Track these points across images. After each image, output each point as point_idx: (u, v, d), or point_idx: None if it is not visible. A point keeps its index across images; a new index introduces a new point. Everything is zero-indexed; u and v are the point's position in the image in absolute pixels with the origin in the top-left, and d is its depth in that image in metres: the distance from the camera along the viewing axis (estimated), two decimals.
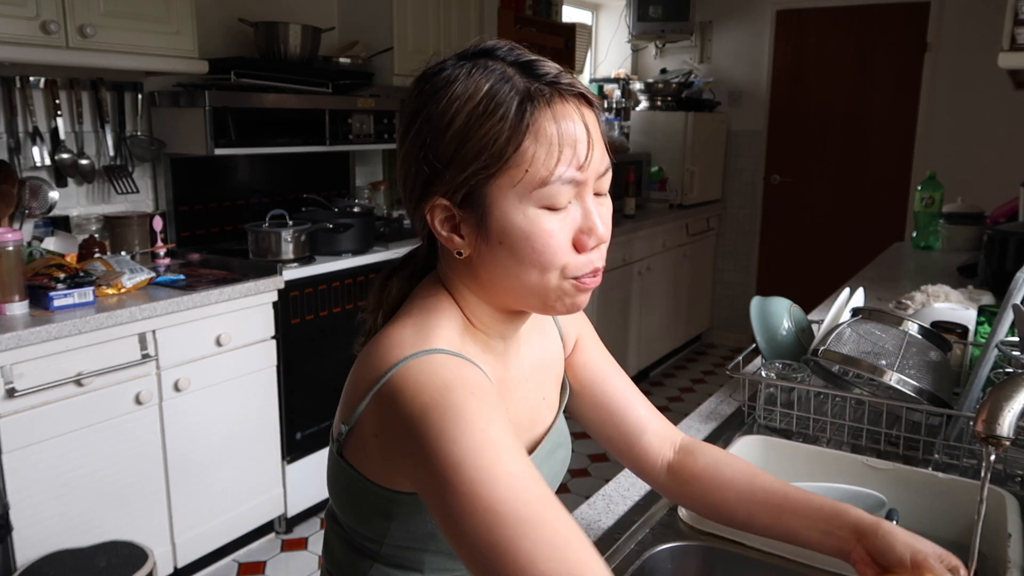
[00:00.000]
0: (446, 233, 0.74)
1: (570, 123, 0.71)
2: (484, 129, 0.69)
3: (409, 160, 0.74)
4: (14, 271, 2.00)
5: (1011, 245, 2.28)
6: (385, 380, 0.70)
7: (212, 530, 2.46)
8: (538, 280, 0.73)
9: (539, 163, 0.69)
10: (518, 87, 0.70)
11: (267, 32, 2.89)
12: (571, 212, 0.73)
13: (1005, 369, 1.25)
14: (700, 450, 0.94)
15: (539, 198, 0.71)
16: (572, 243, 0.73)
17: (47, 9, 2.12)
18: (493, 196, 0.71)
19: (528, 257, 0.72)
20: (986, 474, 0.76)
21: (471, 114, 0.70)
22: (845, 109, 4.74)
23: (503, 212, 0.71)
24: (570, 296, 0.75)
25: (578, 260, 0.74)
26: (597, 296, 3.81)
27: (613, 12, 5.33)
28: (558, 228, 0.72)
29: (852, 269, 2.99)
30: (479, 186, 0.71)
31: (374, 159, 3.75)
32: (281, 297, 2.56)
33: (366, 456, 0.75)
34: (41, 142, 2.46)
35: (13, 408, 1.91)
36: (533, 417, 0.88)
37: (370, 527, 0.80)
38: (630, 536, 1.02)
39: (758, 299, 1.52)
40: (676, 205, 4.67)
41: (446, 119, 0.70)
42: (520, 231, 0.71)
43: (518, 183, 0.70)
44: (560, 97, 0.71)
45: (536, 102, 0.70)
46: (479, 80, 0.70)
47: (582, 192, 0.73)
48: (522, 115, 0.69)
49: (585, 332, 0.99)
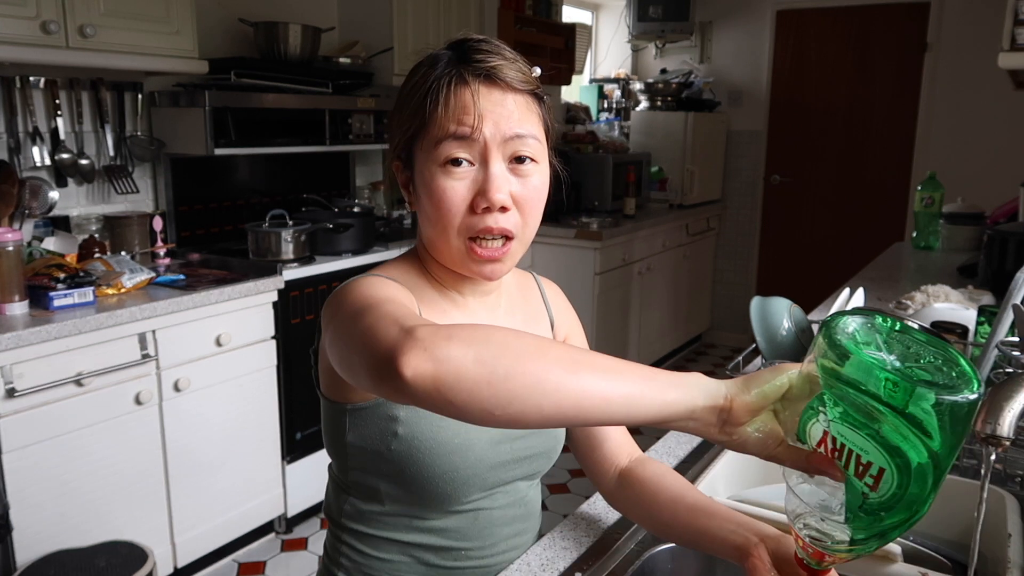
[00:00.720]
0: (404, 190, 0.90)
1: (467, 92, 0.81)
2: (412, 100, 0.84)
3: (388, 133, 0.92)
4: (14, 271, 2.00)
5: (1011, 245, 2.28)
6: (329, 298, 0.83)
7: (212, 530, 2.46)
8: (441, 236, 0.84)
9: (438, 125, 0.82)
10: (440, 68, 0.83)
11: (267, 32, 2.89)
12: (474, 175, 0.82)
13: (1005, 369, 1.25)
14: (650, 463, 0.98)
15: (439, 156, 0.82)
16: (469, 205, 0.82)
17: (47, 9, 2.12)
18: (416, 156, 0.85)
19: (432, 213, 0.83)
20: (986, 474, 0.76)
21: (410, 88, 0.85)
22: (845, 109, 4.74)
23: (419, 170, 0.85)
24: (471, 260, 0.84)
25: (470, 221, 0.83)
26: (597, 296, 3.82)
27: (613, 12, 5.33)
28: (452, 187, 0.82)
29: (852, 269, 2.99)
30: (410, 147, 0.86)
31: (374, 159, 3.75)
32: (281, 297, 2.56)
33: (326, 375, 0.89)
34: (41, 142, 2.46)
35: (13, 408, 1.91)
36: None
37: (337, 455, 0.92)
38: (630, 536, 1.02)
39: (758, 299, 1.52)
40: (676, 205, 4.67)
41: (401, 94, 0.87)
42: (427, 187, 0.83)
43: (426, 142, 0.83)
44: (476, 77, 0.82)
45: (450, 78, 0.82)
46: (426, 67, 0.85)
47: (486, 156, 0.82)
48: (435, 84, 0.82)
49: (574, 332, 1.05)
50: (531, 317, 0.98)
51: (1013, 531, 0.95)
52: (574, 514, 1.08)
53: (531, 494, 0.99)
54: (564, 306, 1.05)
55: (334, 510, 0.96)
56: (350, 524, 0.93)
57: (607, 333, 3.96)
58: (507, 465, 0.90)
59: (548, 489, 3.15)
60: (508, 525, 0.95)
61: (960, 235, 3.09)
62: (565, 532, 1.04)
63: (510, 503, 0.94)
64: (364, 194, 3.63)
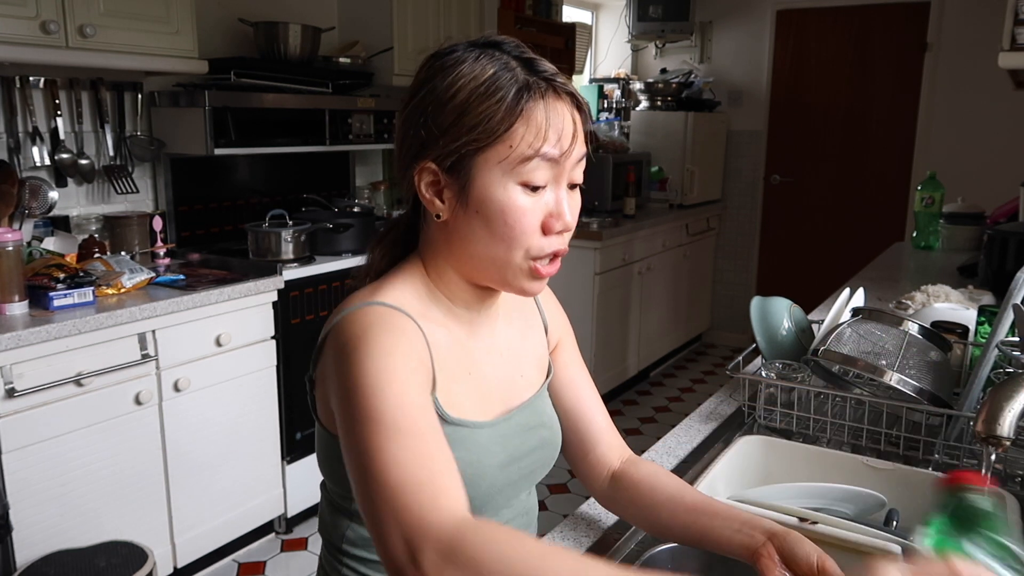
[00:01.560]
0: (429, 196, 0.81)
1: (558, 116, 0.78)
2: (482, 107, 0.76)
3: (408, 124, 0.81)
4: (14, 271, 2.00)
5: (1011, 245, 2.28)
6: (330, 328, 0.80)
7: (212, 530, 2.46)
8: (503, 254, 0.80)
9: (525, 143, 0.76)
10: (518, 77, 0.78)
11: (267, 32, 2.89)
12: (545, 196, 0.79)
13: (1005, 369, 1.25)
14: (643, 464, 0.98)
15: (519, 174, 0.77)
16: (540, 226, 0.80)
17: (47, 9, 2.12)
18: (478, 167, 0.78)
19: (499, 230, 0.79)
20: (986, 474, 0.76)
21: (473, 92, 0.77)
22: (845, 109, 4.74)
23: (485, 183, 0.78)
24: (527, 278, 0.82)
25: (542, 242, 0.80)
26: (597, 296, 3.81)
27: (613, 12, 5.33)
28: (530, 208, 0.78)
29: (852, 269, 2.99)
30: (467, 156, 0.77)
31: (374, 159, 3.75)
32: (281, 297, 2.56)
33: (323, 405, 0.83)
34: (41, 142, 2.46)
35: (13, 408, 1.91)
36: (507, 390, 0.91)
37: (337, 482, 0.87)
38: (630, 536, 1.02)
39: (758, 299, 1.52)
40: (676, 205, 4.67)
41: (450, 92, 0.77)
42: (497, 203, 0.78)
43: (504, 159, 0.77)
44: (554, 93, 0.79)
45: (532, 92, 0.77)
46: (485, 64, 0.78)
47: (558, 178, 0.80)
48: (518, 101, 0.76)
49: (566, 337, 1.04)
50: (526, 323, 0.98)
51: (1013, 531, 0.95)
52: (574, 514, 1.08)
53: (530, 501, 0.99)
54: (556, 309, 1.05)
55: (333, 534, 0.91)
56: (352, 550, 0.89)
57: (607, 333, 3.96)
58: (515, 484, 0.90)
59: (548, 489, 3.15)
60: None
61: (960, 235, 3.09)
62: (565, 532, 1.03)
63: (514, 516, 0.94)
64: (364, 194, 3.63)
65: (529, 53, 0.81)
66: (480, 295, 0.88)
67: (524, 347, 0.95)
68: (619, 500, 0.97)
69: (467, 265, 0.84)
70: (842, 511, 1.00)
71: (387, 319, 0.78)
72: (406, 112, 0.82)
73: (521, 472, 0.90)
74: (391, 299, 0.81)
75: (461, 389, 0.85)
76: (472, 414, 0.85)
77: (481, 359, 0.89)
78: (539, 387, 0.96)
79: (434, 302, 0.86)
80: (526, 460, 0.91)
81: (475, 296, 0.87)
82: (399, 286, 0.84)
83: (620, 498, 0.97)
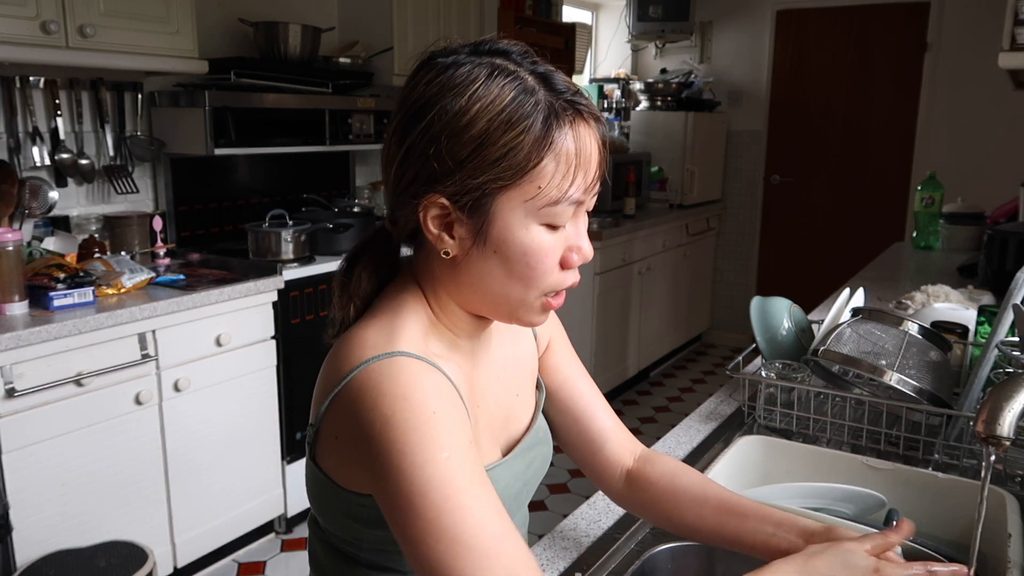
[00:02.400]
0: (436, 231, 0.73)
1: (585, 145, 0.72)
2: (507, 137, 0.68)
3: (414, 151, 0.71)
4: (14, 271, 2.00)
5: (1011, 245, 2.28)
6: (345, 382, 0.70)
7: (212, 530, 2.46)
8: (519, 294, 0.74)
9: (554, 184, 0.70)
10: (541, 101, 0.70)
11: (267, 32, 2.89)
12: (565, 230, 0.74)
13: (1005, 369, 1.25)
14: (658, 459, 0.94)
15: (545, 216, 0.71)
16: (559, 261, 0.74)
17: (47, 9, 2.12)
18: (500, 206, 0.70)
19: (519, 271, 0.73)
20: (986, 474, 0.76)
21: (493, 120, 0.68)
22: (845, 109, 4.74)
23: (507, 224, 0.71)
24: (536, 312, 0.77)
25: (559, 277, 0.75)
26: (597, 296, 3.81)
27: (613, 12, 5.33)
28: (553, 247, 0.73)
29: (852, 269, 2.99)
30: (489, 194, 0.70)
31: (374, 159, 3.75)
32: (281, 297, 2.56)
33: (330, 457, 0.75)
34: (41, 142, 2.46)
35: (13, 408, 1.91)
36: (508, 414, 0.88)
37: (345, 530, 0.79)
38: (630, 536, 1.02)
39: (758, 299, 1.52)
40: (676, 205, 4.67)
41: (466, 118, 0.69)
42: (520, 245, 0.72)
43: (530, 199, 0.70)
44: (581, 118, 0.72)
45: (560, 119, 0.70)
46: (503, 85, 0.69)
47: (579, 211, 0.75)
48: (546, 131, 0.69)
49: (556, 335, 0.99)
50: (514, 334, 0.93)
51: (1013, 531, 0.95)
52: (574, 514, 1.08)
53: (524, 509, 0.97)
54: None
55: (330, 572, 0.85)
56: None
57: (607, 333, 3.96)
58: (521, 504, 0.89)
59: (548, 489, 3.15)
60: None
61: (960, 235, 3.09)
62: (565, 532, 1.04)
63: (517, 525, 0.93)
64: (364, 194, 3.63)
65: (541, 64, 0.73)
66: (479, 324, 0.82)
67: (517, 361, 0.92)
68: (637, 500, 0.93)
69: (473, 300, 0.77)
70: (842, 511, 1.01)
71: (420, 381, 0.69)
72: (410, 136, 0.72)
73: (527, 491, 0.90)
74: (411, 346, 0.73)
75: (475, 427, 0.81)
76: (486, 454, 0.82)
77: (484, 390, 0.85)
78: (533, 403, 0.93)
79: (438, 336, 0.79)
80: (532, 481, 0.90)
81: (476, 326, 0.82)
82: (409, 326, 0.75)
83: (639, 498, 0.93)
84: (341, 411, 0.71)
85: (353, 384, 0.69)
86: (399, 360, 0.70)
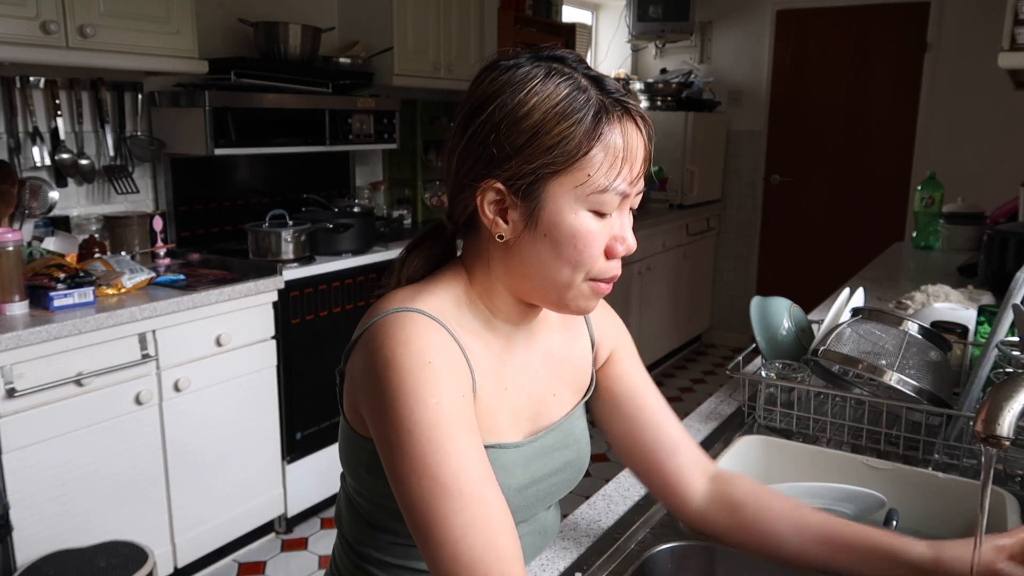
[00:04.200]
0: (492, 215, 0.79)
1: (632, 140, 0.77)
2: (560, 127, 0.74)
3: (474, 139, 0.78)
4: (14, 271, 2.00)
5: (1011, 245, 2.28)
6: (366, 328, 0.78)
7: (212, 530, 2.46)
8: (567, 277, 0.79)
9: (602, 172, 0.76)
10: (592, 98, 0.76)
11: (267, 32, 2.89)
12: (611, 220, 0.79)
13: (1005, 369, 1.25)
14: (738, 479, 0.93)
15: (593, 202, 0.76)
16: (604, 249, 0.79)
17: (47, 9, 2.12)
18: (552, 191, 0.76)
19: (567, 254, 0.77)
20: (987, 474, 0.76)
21: (549, 111, 0.75)
22: (845, 109, 4.74)
23: (558, 208, 0.77)
24: (584, 298, 0.81)
25: (604, 265, 0.80)
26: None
27: (613, 12, 5.33)
28: (599, 233, 0.78)
29: (852, 269, 2.99)
30: (542, 179, 0.76)
31: (374, 159, 3.75)
32: (281, 297, 2.56)
33: (351, 402, 0.82)
34: (41, 142, 2.46)
35: (13, 408, 1.91)
36: (538, 408, 0.89)
37: (358, 480, 0.85)
38: (630, 536, 1.02)
39: (758, 299, 1.52)
40: (676, 205, 4.67)
41: (524, 110, 0.75)
42: (569, 228, 0.77)
43: (579, 185, 0.76)
44: (628, 115, 0.78)
45: (609, 115, 0.76)
46: (559, 83, 0.76)
47: (624, 204, 0.79)
48: (596, 124, 0.75)
49: (623, 345, 0.99)
50: (571, 338, 0.94)
51: None
52: (574, 514, 1.08)
53: (549, 518, 0.97)
54: (609, 322, 0.99)
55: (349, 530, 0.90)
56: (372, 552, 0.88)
57: None
58: (531, 505, 0.89)
59: None
60: (527, 552, 0.92)
61: (960, 235, 3.09)
62: (565, 532, 1.04)
63: (530, 531, 0.92)
64: (364, 194, 3.63)
65: (595, 71, 0.79)
66: (524, 311, 0.86)
67: (562, 364, 0.92)
68: (721, 522, 0.91)
69: (524, 285, 0.82)
70: (842, 511, 1.00)
71: (424, 333, 0.75)
72: (470, 126, 0.78)
73: (539, 494, 0.89)
74: (429, 307, 0.79)
75: (497, 405, 0.84)
76: (502, 433, 0.84)
77: (516, 375, 0.87)
78: (571, 407, 0.93)
79: (473, 312, 0.84)
80: (545, 482, 0.89)
81: (519, 311, 0.86)
82: (439, 293, 0.82)
83: (723, 521, 0.91)
84: (358, 353, 0.78)
85: (371, 329, 0.77)
86: (413, 314, 0.77)
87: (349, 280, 2.83)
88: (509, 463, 0.83)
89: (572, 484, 0.94)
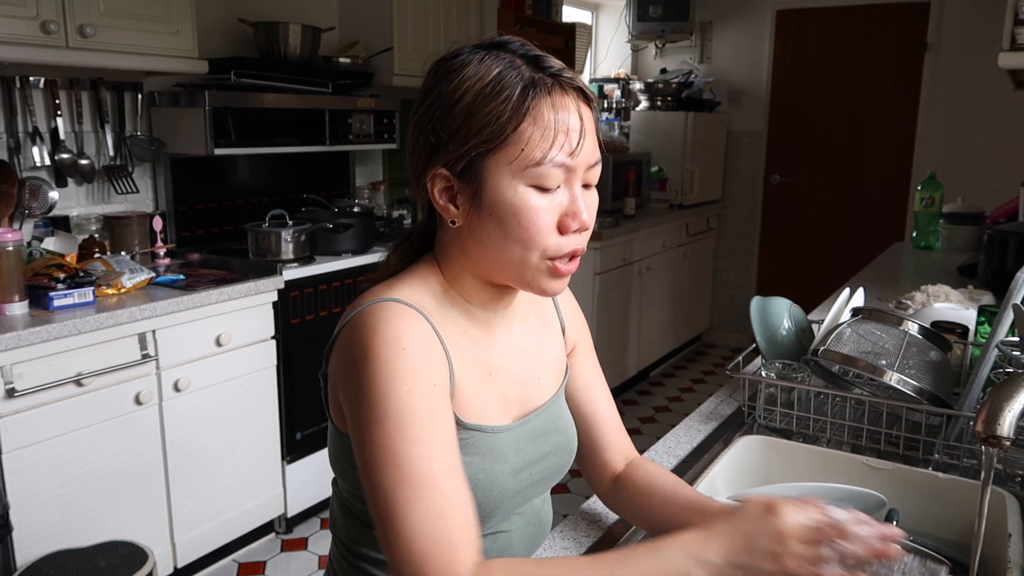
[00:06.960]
0: (443, 202, 0.81)
1: (566, 113, 0.77)
2: (489, 107, 0.76)
3: (418, 131, 0.81)
4: (14, 271, 2.00)
5: (1011, 245, 2.28)
6: (344, 325, 0.80)
7: (212, 530, 2.46)
8: (519, 256, 0.79)
9: (534, 144, 0.76)
10: (524, 75, 0.77)
11: (267, 32, 2.89)
12: (559, 196, 0.79)
13: (1005, 369, 1.25)
14: (643, 464, 0.99)
15: (531, 177, 0.77)
16: (556, 225, 0.79)
17: (47, 9, 2.12)
18: (490, 170, 0.77)
19: (513, 232, 0.78)
20: (987, 474, 0.76)
21: (479, 93, 0.77)
22: (845, 109, 4.74)
23: (496, 186, 0.78)
24: (545, 278, 0.81)
25: (559, 241, 0.80)
26: (597, 296, 3.81)
27: (613, 12, 5.33)
28: (544, 208, 0.78)
29: (852, 269, 2.99)
30: (478, 159, 0.77)
31: (374, 159, 3.75)
32: (281, 297, 2.56)
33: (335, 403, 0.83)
34: (41, 142, 2.46)
35: (13, 408, 1.91)
36: (525, 392, 0.91)
37: (349, 480, 0.86)
38: (630, 536, 1.02)
39: (758, 299, 1.52)
40: (676, 205, 4.67)
41: (456, 96, 0.77)
42: (509, 205, 0.77)
43: (513, 160, 0.76)
44: (560, 89, 0.78)
45: (538, 89, 0.77)
46: (490, 65, 0.78)
47: (571, 179, 0.79)
48: (524, 99, 0.76)
49: (583, 340, 1.04)
50: (544, 324, 0.97)
51: (1013, 531, 0.95)
52: (574, 514, 1.08)
53: (544, 508, 0.98)
54: (575, 311, 1.04)
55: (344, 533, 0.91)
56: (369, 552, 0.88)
57: (607, 333, 3.96)
58: (525, 490, 0.89)
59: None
60: (524, 543, 0.94)
61: (960, 235, 3.09)
62: (565, 532, 1.04)
63: (526, 523, 0.93)
64: (364, 194, 3.63)
65: (536, 51, 0.80)
66: (497, 295, 0.87)
67: (541, 349, 0.95)
68: (619, 500, 0.99)
69: (485, 267, 0.83)
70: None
71: (401, 321, 0.77)
72: (415, 120, 0.82)
73: (532, 478, 0.90)
74: (405, 296, 0.81)
75: (483, 390, 0.85)
76: (491, 417, 0.85)
77: (499, 360, 0.88)
78: (556, 391, 0.96)
79: (449, 301, 0.85)
80: (538, 466, 0.90)
81: (492, 296, 0.87)
82: (413, 284, 0.84)
83: (620, 498, 0.99)
84: (337, 351, 0.80)
85: (348, 325, 0.79)
86: (389, 303, 0.79)
87: (349, 280, 2.83)
88: (502, 446, 0.85)
89: (563, 469, 0.96)
